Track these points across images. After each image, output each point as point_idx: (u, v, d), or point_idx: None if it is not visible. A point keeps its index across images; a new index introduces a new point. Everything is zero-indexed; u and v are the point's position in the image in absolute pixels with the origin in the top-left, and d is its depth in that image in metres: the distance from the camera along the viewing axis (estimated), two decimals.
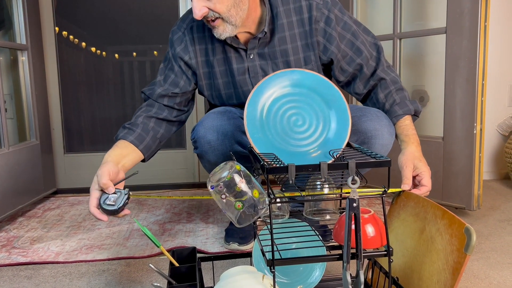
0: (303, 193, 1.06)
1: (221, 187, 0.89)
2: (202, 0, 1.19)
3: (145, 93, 1.42)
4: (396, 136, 1.33)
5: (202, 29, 1.37)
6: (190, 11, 1.40)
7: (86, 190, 2.32)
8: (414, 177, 1.19)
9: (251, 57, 1.35)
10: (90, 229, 1.74)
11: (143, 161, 1.35)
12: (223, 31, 1.25)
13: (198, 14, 1.19)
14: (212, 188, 0.89)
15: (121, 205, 1.05)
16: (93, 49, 2.40)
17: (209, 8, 1.20)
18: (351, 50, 1.35)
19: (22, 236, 1.68)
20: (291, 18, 1.32)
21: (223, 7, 1.20)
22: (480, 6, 1.60)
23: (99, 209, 1.08)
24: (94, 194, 1.09)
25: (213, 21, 1.23)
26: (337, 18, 1.33)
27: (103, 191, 1.09)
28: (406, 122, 1.32)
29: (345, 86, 1.42)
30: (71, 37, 2.36)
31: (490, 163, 2.40)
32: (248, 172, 0.92)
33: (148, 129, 1.34)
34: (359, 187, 0.86)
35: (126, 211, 1.09)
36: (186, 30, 1.38)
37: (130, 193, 1.09)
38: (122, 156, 1.24)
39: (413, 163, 1.19)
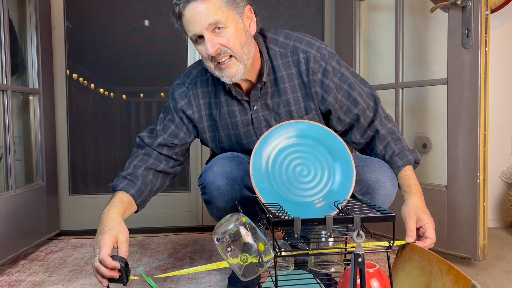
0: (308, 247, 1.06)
1: (226, 239, 0.90)
2: (215, 37, 1.21)
3: (143, 140, 1.42)
4: (399, 186, 1.35)
5: (206, 84, 1.41)
6: (194, 67, 1.44)
7: (89, 232, 2.33)
8: (418, 229, 1.19)
9: (254, 108, 1.38)
10: (93, 273, 1.72)
11: (135, 212, 1.36)
12: (235, 72, 1.26)
13: (211, 50, 1.20)
14: (217, 241, 0.90)
15: (125, 280, 1.04)
16: (101, 90, 2.46)
17: (221, 45, 1.22)
18: (348, 101, 1.38)
19: (24, 280, 1.66)
20: (290, 70, 1.36)
21: (236, 44, 1.23)
22: (479, 59, 1.65)
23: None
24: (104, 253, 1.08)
25: (224, 62, 1.24)
26: (334, 70, 1.37)
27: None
28: (407, 172, 1.34)
29: (342, 135, 1.44)
30: (80, 79, 2.43)
31: (494, 210, 2.39)
32: (253, 225, 0.93)
33: (147, 182, 1.35)
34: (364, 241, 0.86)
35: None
36: (191, 85, 1.41)
37: (127, 260, 1.07)
38: (123, 211, 1.24)
39: (416, 214, 1.20)
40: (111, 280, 1.04)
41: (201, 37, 1.22)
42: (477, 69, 1.66)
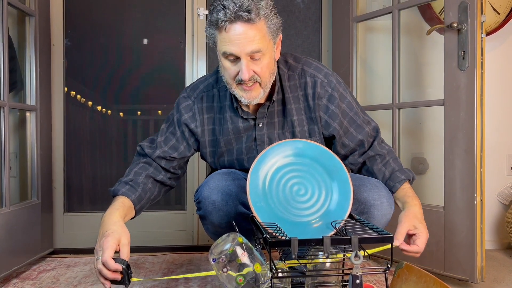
0: (303, 261, 1.05)
1: (222, 260, 0.89)
2: (251, 63, 1.22)
3: (143, 149, 1.43)
4: (398, 200, 1.36)
5: (212, 99, 1.43)
6: (200, 81, 1.47)
7: (83, 251, 2.30)
8: (410, 236, 1.20)
9: (260, 125, 1.40)
10: None
11: (131, 218, 1.36)
12: (256, 96, 1.29)
13: (246, 76, 1.22)
14: (213, 261, 0.89)
15: (127, 282, 1.06)
16: (98, 107, 2.46)
17: (254, 72, 1.24)
18: (353, 127, 1.41)
19: None
20: (297, 93, 1.39)
21: (266, 73, 1.26)
22: (475, 81, 1.66)
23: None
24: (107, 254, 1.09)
25: (248, 85, 1.26)
26: (340, 97, 1.40)
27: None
28: (407, 187, 1.37)
29: (342, 158, 1.46)
30: (78, 96, 2.42)
31: (492, 232, 2.38)
32: (250, 245, 0.92)
33: (146, 190, 1.37)
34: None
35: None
36: (196, 99, 1.43)
37: (128, 263, 1.08)
38: (124, 215, 1.26)
39: (413, 222, 1.21)
40: (113, 282, 1.06)
41: (236, 57, 1.23)
42: (473, 90, 1.67)
